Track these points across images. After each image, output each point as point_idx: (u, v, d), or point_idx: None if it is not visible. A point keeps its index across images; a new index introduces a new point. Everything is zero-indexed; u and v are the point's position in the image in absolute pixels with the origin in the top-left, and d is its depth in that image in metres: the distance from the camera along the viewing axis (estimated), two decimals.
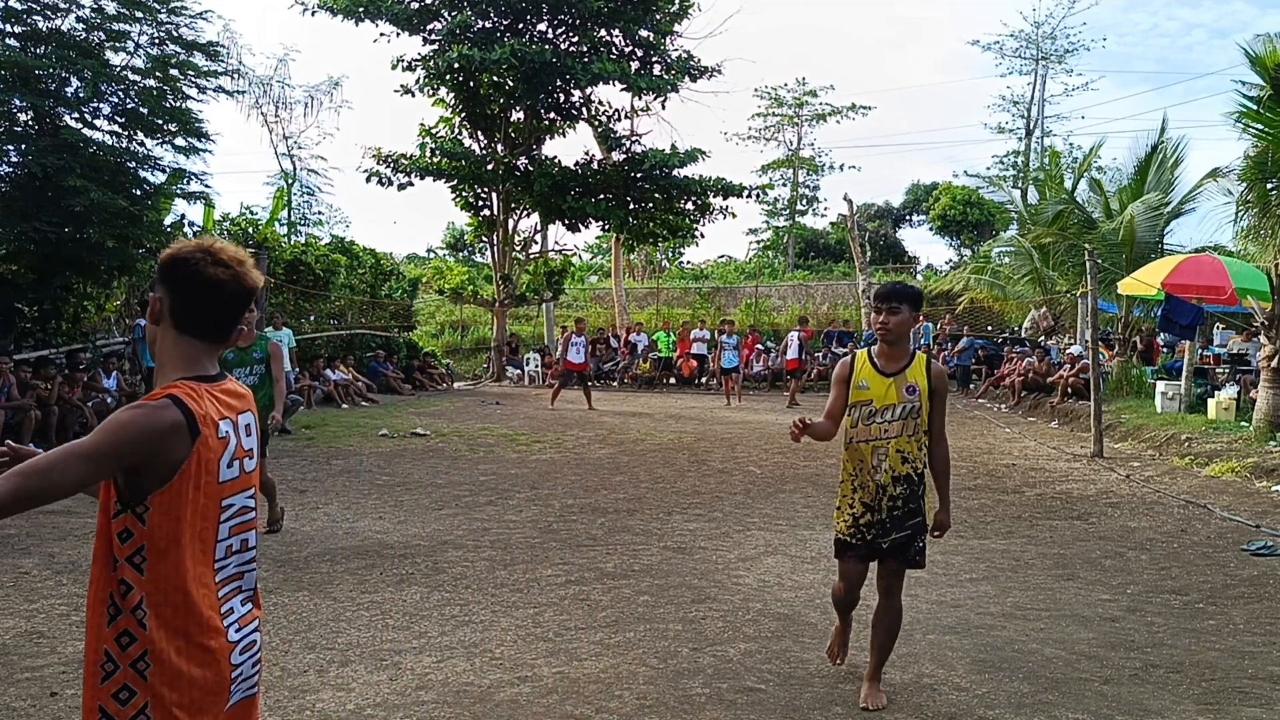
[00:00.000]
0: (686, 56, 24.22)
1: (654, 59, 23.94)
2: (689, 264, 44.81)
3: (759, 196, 28.07)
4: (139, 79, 12.90)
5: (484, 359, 27.10)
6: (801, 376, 20.04)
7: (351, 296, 21.80)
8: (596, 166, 24.16)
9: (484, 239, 26.36)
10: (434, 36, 22.94)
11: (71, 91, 12.43)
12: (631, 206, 24.41)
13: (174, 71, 13.06)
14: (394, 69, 23.25)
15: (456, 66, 21.94)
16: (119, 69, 12.78)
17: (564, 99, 23.93)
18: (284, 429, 12.71)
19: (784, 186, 43.19)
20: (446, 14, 22.65)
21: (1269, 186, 12.27)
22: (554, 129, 25.02)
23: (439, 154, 23.03)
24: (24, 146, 12.08)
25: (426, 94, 23.68)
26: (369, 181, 23.39)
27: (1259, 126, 11.63)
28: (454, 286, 25.65)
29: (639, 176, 23.53)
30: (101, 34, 12.61)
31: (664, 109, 28.04)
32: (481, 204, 24.88)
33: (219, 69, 13.83)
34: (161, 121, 13.08)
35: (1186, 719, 3.93)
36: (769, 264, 41.75)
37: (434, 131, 23.96)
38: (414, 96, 23.69)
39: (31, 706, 3.84)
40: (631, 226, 24.76)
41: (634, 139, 24.50)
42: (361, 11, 22.28)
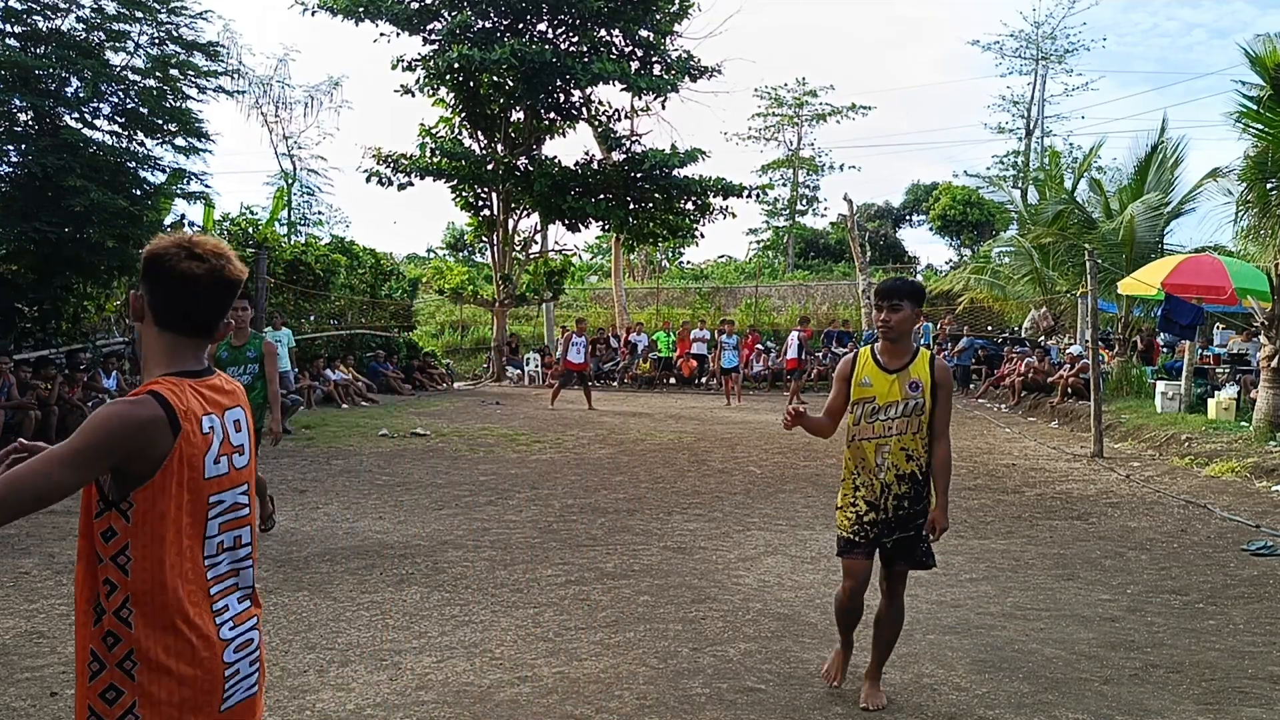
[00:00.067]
0: (686, 56, 24.22)
1: (654, 59, 23.94)
2: (689, 264, 44.83)
3: (759, 196, 28.08)
4: (139, 79, 12.91)
5: (484, 359, 27.10)
6: (801, 376, 20.04)
7: (351, 296, 21.80)
8: (596, 166, 24.16)
9: (484, 239, 26.37)
10: (434, 36, 22.95)
11: (71, 91, 12.43)
12: (631, 206, 24.42)
13: (174, 71, 13.07)
14: (394, 69, 23.28)
15: (456, 66, 21.95)
16: (119, 69, 12.79)
17: (564, 99, 23.93)
18: (284, 429, 12.71)
19: (784, 186, 43.21)
20: (446, 14, 22.66)
21: (1269, 186, 12.27)
22: (554, 129, 25.03)
23: (439, 154, 23.03)
24: (24, 146, 12.09)
25: (426, 94, 23.70)
26: (369, 181, 23.43)
27: (1259, 126, 11.63)
28: (454, 286, 25.65)
29: (639, 176, 23.53)
30: (101, 34, 12.62)
31: (664, 109, 28.07)
32: (481, 204, 24.88)
33: (219, 69, 13.85)
34: (161, 121, 13.09)
35: (1186, 719, 3.93)
36: (769, 264, 41.75)
37: (434, 131, 23.96)
38: (414, 96, 23.72)
39: (31, 706, 3.84)
40: (631, 226, 24.77)
41: (634, 139, 24.50)
42: (361, 11, 22.29)
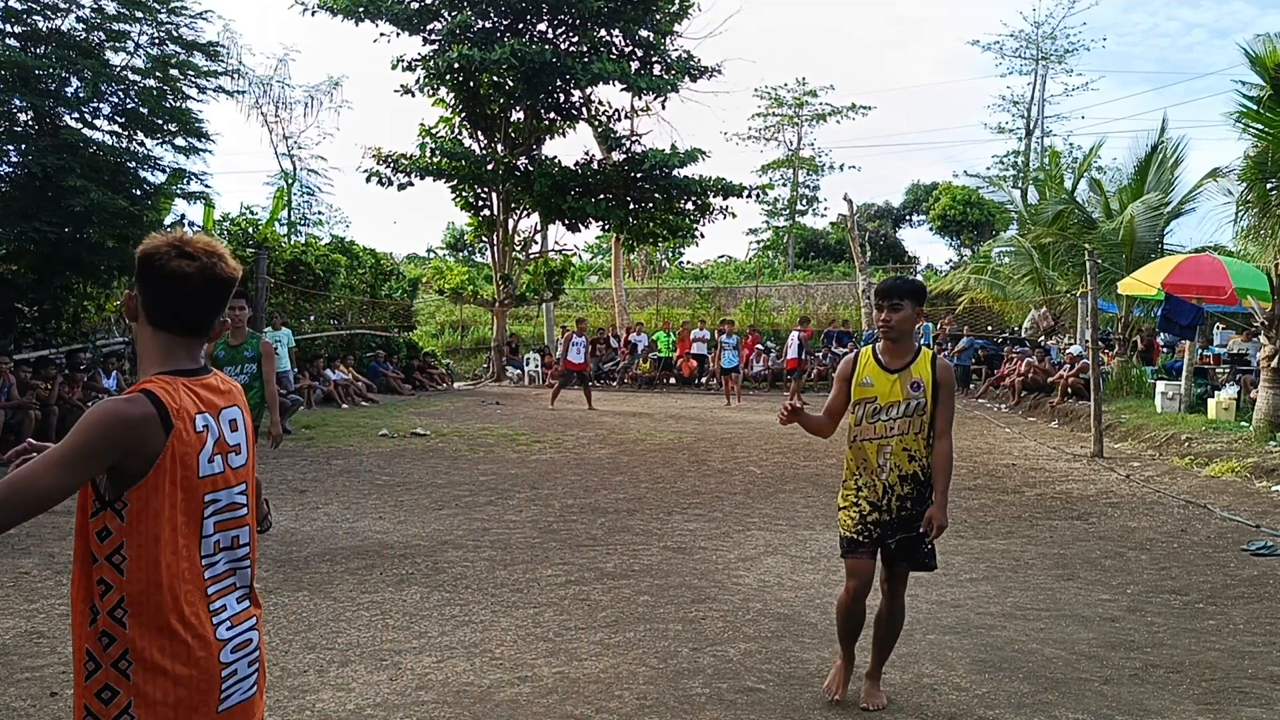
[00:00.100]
0: (686, 56, 24.23)
1: (654, 59, 23.94)
2: (689, 264, 44.85)
3: (759, 196, 28.08)
4: (139, 79, 12.91)
5: (484, 359, 27.10)
6: (802, 376, 20.05)
7: (351, 296, 21.80)
8: (596, 166, 24.16)
9: (484, 239, 26.37)
10: (434, 36, 22.95)
11: (71, 91, 12.43)
12: (631, 206, 24.42)
13: (174, 71, 13.07)
14: (394, 69, 23.29)
15: (456, 66, 21.95)
16: (119, 69, 12.79)
17: (564, 99, 23.94)
18: (284, 429, 12.70)
19: (784, 186, 43.22)
20: (446, 14, 22.66)
21: (1269, 186, 12.27)
22: (554, 129, 25.03)
23: (439, 154, 23.04)
24: (24, 146, 12.08)
25: (426, 94, 23.71)
26: (369, 181, 23.44)
27: (1259, 126, 11.63)
28: (454, 286, 25.66)
29: (639, 176, 23.53)
30: (101, 34, 12.61)
31: (664, 109, 28.09)
32: (481, 204, 24.88)
33: (219, 69, 13.84)
34: (161, 121, 13.09)
35: (1186, 719, 3.93)
36: (769, 264, 41.76)
37: (434, 131, 23.97)
38: (414, 96, 23.73)
39: (31, 706, 3.84)
40: (631, 226, 24.77)
41: (634, 139, 24.50)
42: (361, 11, 22.29)
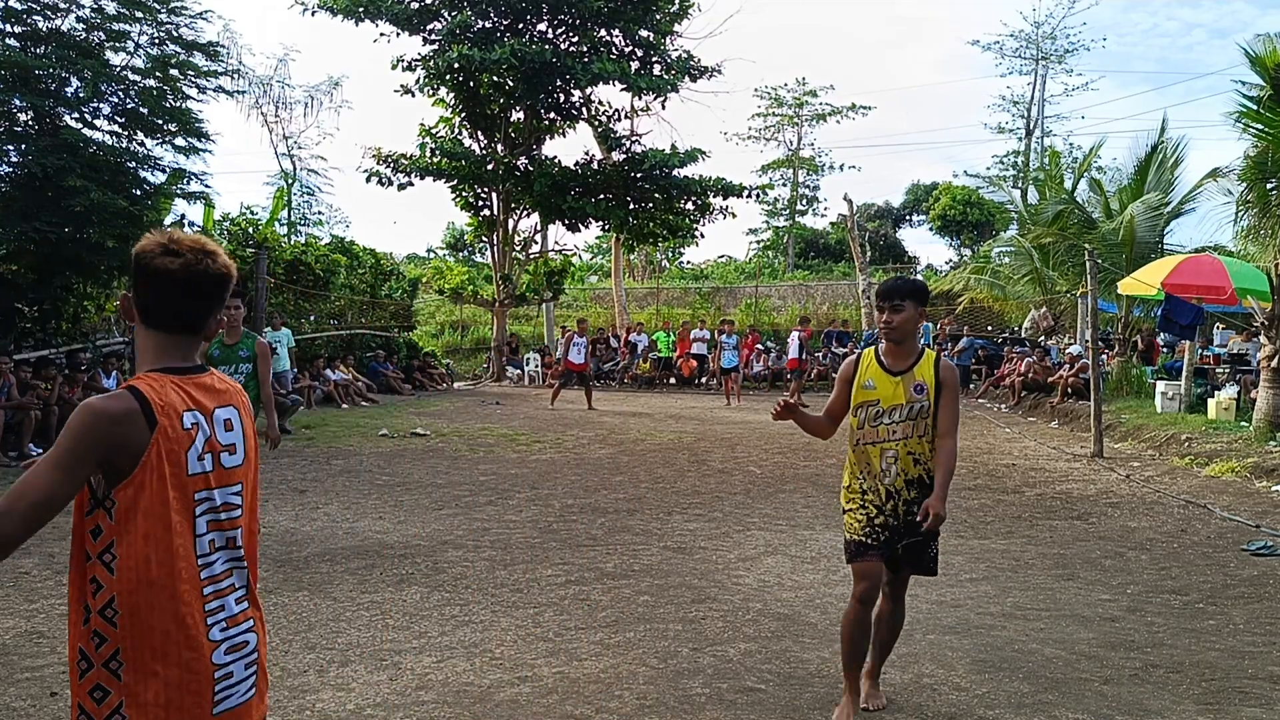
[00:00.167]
0: (686, 56, 24.23)
1: (654, 59, 23.95)
2: (689, 264, 44.87)
3: (759, 196, 28.10)
4: (139, 79, 12.91)
5: (484, 359, 27.11)
6: (802, 376, 20.04)
7: (351, 296, 21.80)
8: (596, 166, 24.16)
9: (484, 239, 26.38)
10: (434, 36, 22.96)
11: (71, 91, 12.43)
12: (631, 206, 24.43)
13: (174, 71, 13.06)
14: (394, 69, 23.30)
15: (456, 66, 21.95)
16: (119, 69, 12.78)
17: (564, 99, 23.94)
18: (284, 429, 12.72)
19: (784, 186, 43.25)
20: (446, 14, 22.67)
21: (1269, 186, 12.27)
22: (554, 129, 25.04)
23: (439, 154, 23.04)
24: (24, 146, 12.08)
25: (426, 94, 23.71)
26: (369, 181, 23.45)
27: (1259, 126, 11.63)
28: (454, 286, 25.66)
29: (639, 176, 23.54)
30: (101, 34, 12.61)
31: (664, 109, 28.14)
32: (481, 204, 24.89)
33: (219, 69, 13.84)
34: (161, 121, 13.09)
35: (1186, 719, 3.92)
36: (769, 264, 41.77)
37: (434, 131, 23.97)
38: (414, 96, 23.75)
39: (31, 706, 3.84)
40: (631, 226, 24.77)
41: (634, 139, 24.52)
42: (361, 11, 22.30)
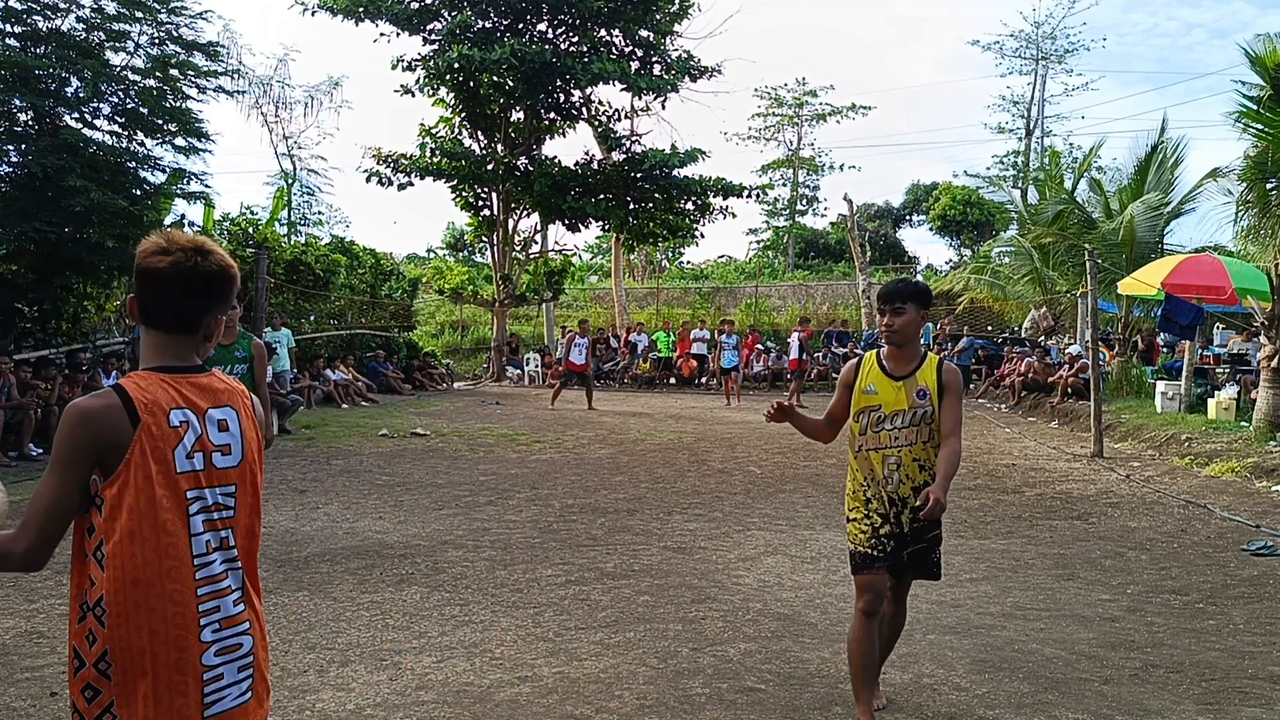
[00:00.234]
0: (686, 56, 24.24)
1: (654, 59, 23.95)
2: (689, 264, 44.88)
3: (759, 196, 28.10)
4: (139, 79, 12.91)
5: (484, 359, 27.11)
6: (802, 377, 20.05)
7: (351, 296, 21.80)
8: (596, 166, 24.17)
9: (484, 239, 26.38)
10: (434, 36, 22.96)
11: (71, 91, 12.43)
12: (631, 206, 24.44)
13: (174, 71, 13.07)
14: (394, 69, 23.31)
15: (456, 66, 21.96)
16: (119, 69, 12.79)
17: (564, 99, 23.95)
18: (284, 429, 12.72)
19: (784, 186, 43.27)
20: (446, 14, 22.67)
21: (1269, 186, 12.27)
22: (554, 129, 25.04)
23: (439, 154, 23.05)
24: (24, 146, 12.08)
25: (426, 94, 23.72)
26: (369, 181, 23.46)
27: (1259, 126, 11.63)
28: (454, 286, 25.67)
29: (639, 176, 23.54)
30: (101, 34, 12.62)
31: (664, 109, 28.17)
32: (481, 204, 24.89)
33: (219, 69, 13.84)
34: (161, 121, 13.09)
35: (1186, 719, 3.92)
36: (769, 264, 41.78)
37: (434, 131, 23.97)
38: (414, 96, 23.76)
39: (31, 706, 3.84)
40: (631, 226, 24.78)
41: (634, 139, 24.52)
42: (361, 11, 22.30)
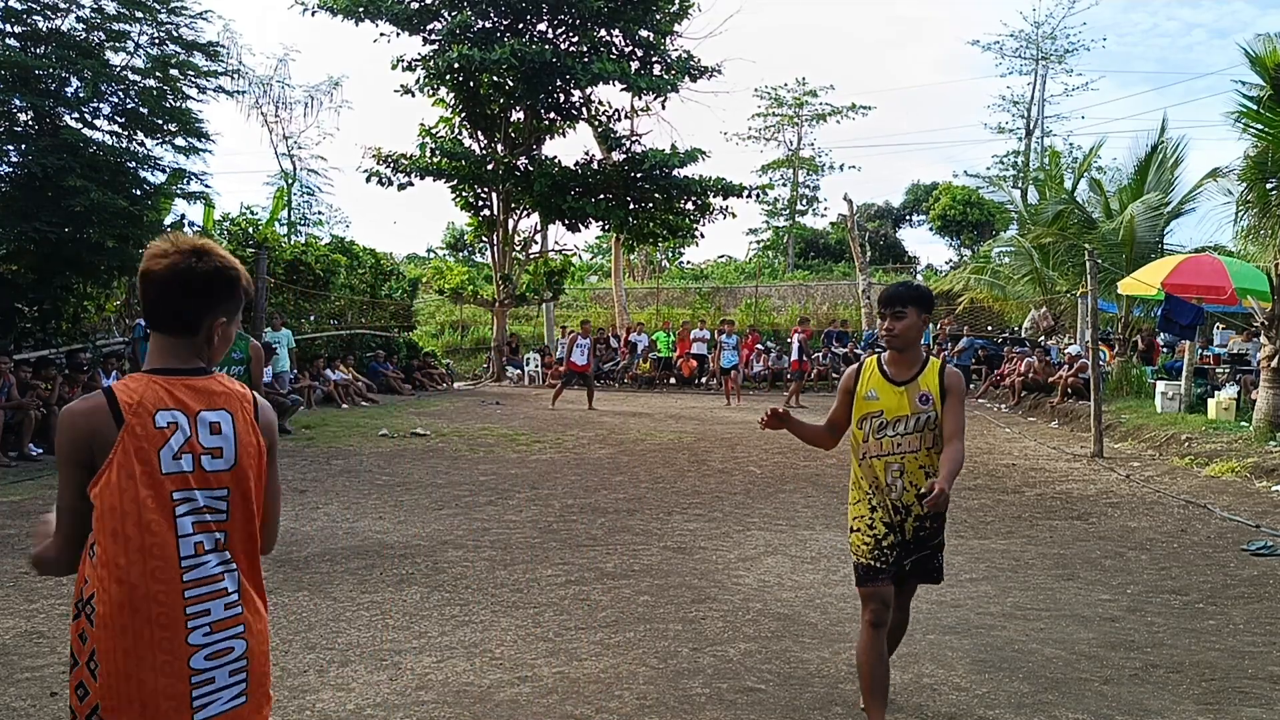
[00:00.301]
0: (686, 56, 24.24)
1: (654, 59, 23.96)
2: (689, 264, 44.89)
3: (759, 196, 28.11)
4: (139, 79, 12.90)
5: (484, 359, 27.11)
6: (802, 377, 20.05)
7: (351, 296, 21.80)
8: (596, 166, 24.17)
9: (484, 239, 26.39)
10: (434, 36, 22.97)
11: (71, 91, 12.42)
12: (631, 206, 24.44)
13: (174, 71, 13.06)
14: (394, 69, 23.32)
15: (456, 66, 21.96)
16: (119, 69, 12.78)
17: (564, 99, 23.95)
18: (284, 429, 12.72)
19: (784, 186, 43.28)
20: (446, 14, 22.67)
21: (1269, 186, 12.27)
22: (554, 129, 25.04)
23: (439, 154, 23.05)
24: (24, 146, 12.08)
25: (426, 94, 23.72)
26: (369, 181, 23.46)
27: (1259, 126, 11.63)
28: (454, 286, 25.67)
29: (639, 176, 23.55)
30: (101, 34, 12.61)
31: (664, 109, 28.20)
32: (481, 204, 24.90)
33: (219, 69, 13.84)
34: (161, 121, 13.09)
35: (1186, 719, 3.92)
36: (769, 264, 41.78)
37: (434, 131, 23.98)
38: (414, 96, 23.76)
39: (31, 706, 3.84)
40: (631, 226, 24.78)
41: (634, 139, 24.52)
42: (361, 11, 22.31)
